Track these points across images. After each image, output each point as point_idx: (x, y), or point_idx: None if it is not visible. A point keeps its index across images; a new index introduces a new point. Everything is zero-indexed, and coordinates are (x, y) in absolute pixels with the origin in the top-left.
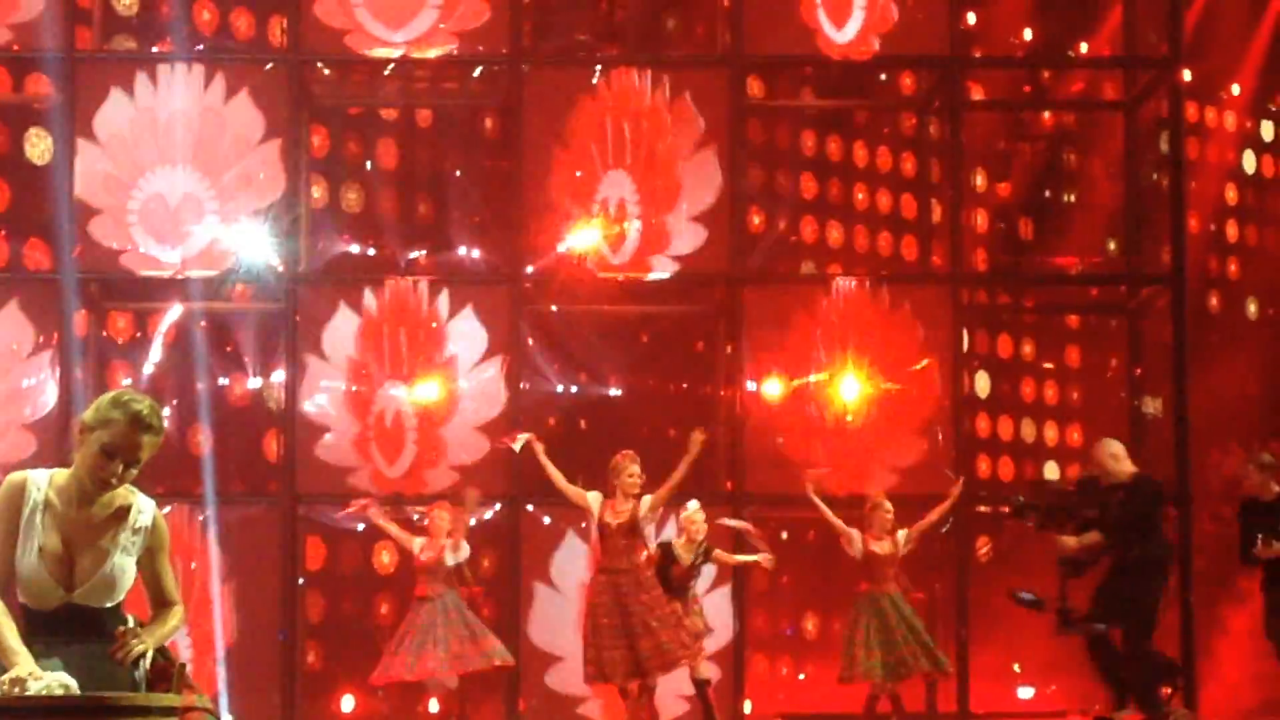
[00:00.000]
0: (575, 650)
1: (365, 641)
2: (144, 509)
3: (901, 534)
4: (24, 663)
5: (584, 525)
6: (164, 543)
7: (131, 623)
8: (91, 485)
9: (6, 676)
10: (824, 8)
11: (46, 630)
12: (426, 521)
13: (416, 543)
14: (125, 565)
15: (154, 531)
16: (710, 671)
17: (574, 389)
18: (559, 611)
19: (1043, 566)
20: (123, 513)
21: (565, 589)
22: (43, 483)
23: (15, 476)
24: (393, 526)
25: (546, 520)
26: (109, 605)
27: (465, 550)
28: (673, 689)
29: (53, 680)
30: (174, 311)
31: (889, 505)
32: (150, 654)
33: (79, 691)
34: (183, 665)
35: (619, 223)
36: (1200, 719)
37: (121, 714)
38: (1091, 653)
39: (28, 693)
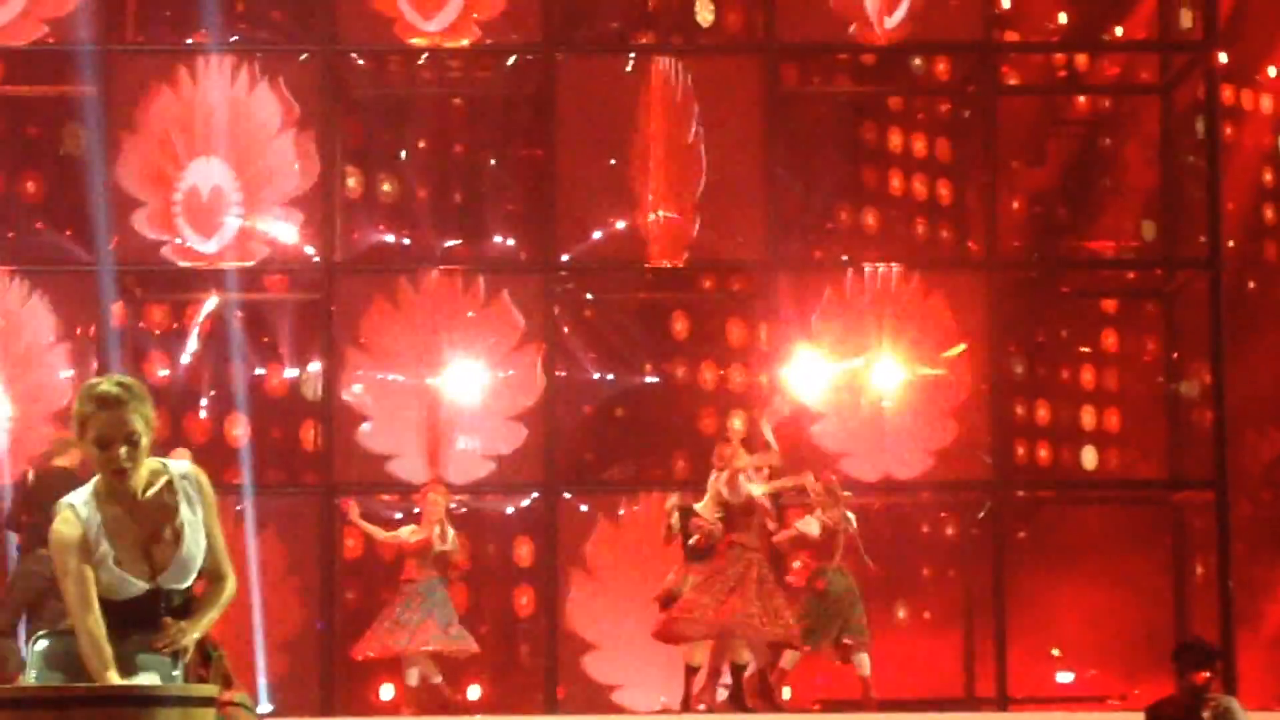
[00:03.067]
0: (611, 638)
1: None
2: (185, 473)
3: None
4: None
5: (621, 513)
6: (211, 501)
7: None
8: (113, 478)
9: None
10: None
11: (121, 618)
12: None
13: (405, 530)
14: (198, 541)
15: (200, 490)
16: (749, 658)
17: (610, 377)
18: (594, 599)
19: (1075, 551)
20: (170, 491)
21: (601, 577)
22: (85, 498)
23: (60, 519)
24: (372, 528)
25: (583, 509)
26: (187, 587)
27: (452, 537)
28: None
29: None
30: (210, 302)
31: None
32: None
33: None
34: (221, 655)
35: (653, 210)
36: (1240, 700)
37: (161, 704)
38: None
39: None
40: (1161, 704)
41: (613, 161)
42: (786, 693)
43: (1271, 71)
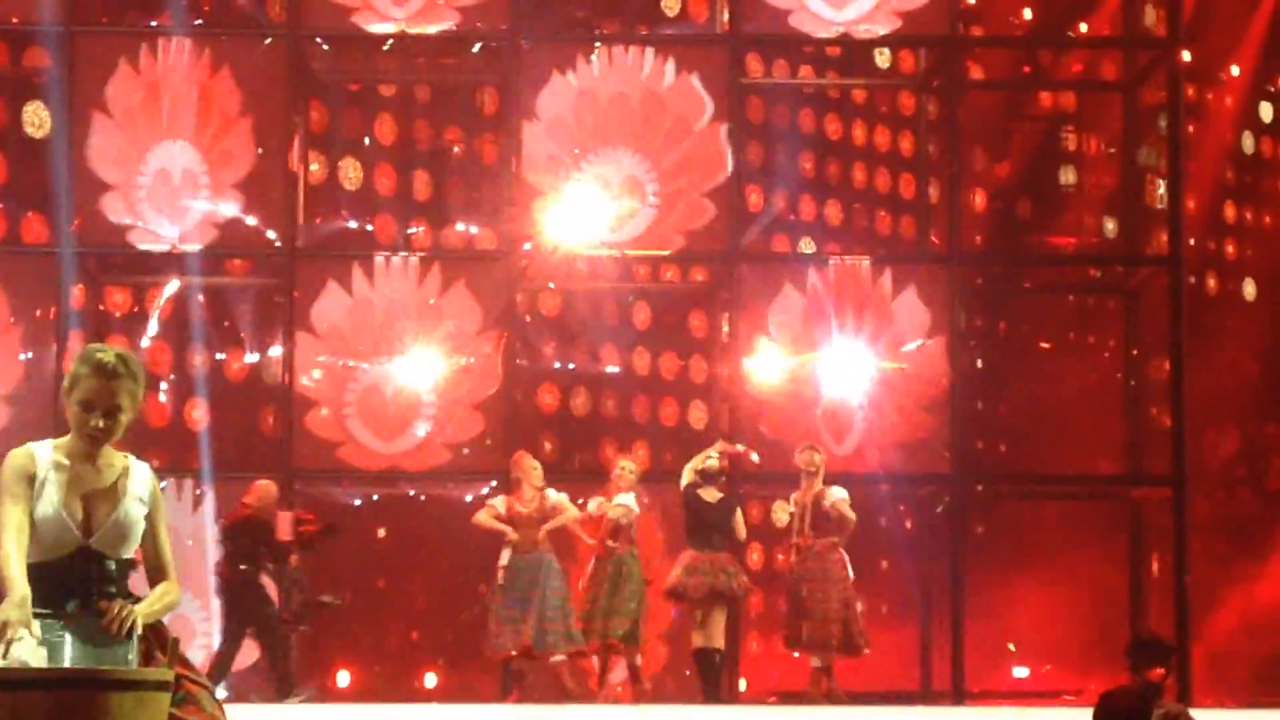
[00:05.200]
0: None
1: (361, 617)
2: (142, 470)
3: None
4: (14, 601)
5: (580, 501)
6: (159, 507)
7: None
8: (83, 442)
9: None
10: None
11: (57, 584)
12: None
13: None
14: (136, 515)
15: (151, 493)
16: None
17: (570, 366)
18: None
19: (1033, 546)
20: (126, 471)
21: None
22: (48, 449)
23: (19, 450)
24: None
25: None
26: (122, 558)
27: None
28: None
29: (23, 653)
30: (171, 286)
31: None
32: (141, 627)
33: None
34: (175, 640)
35: (616, 200)
36: (1193, 697)
37: (115, 687)
38: None
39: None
40: (1115, 694)
41: (576, 150)
42: (743, 684)
43: (1234, 70)
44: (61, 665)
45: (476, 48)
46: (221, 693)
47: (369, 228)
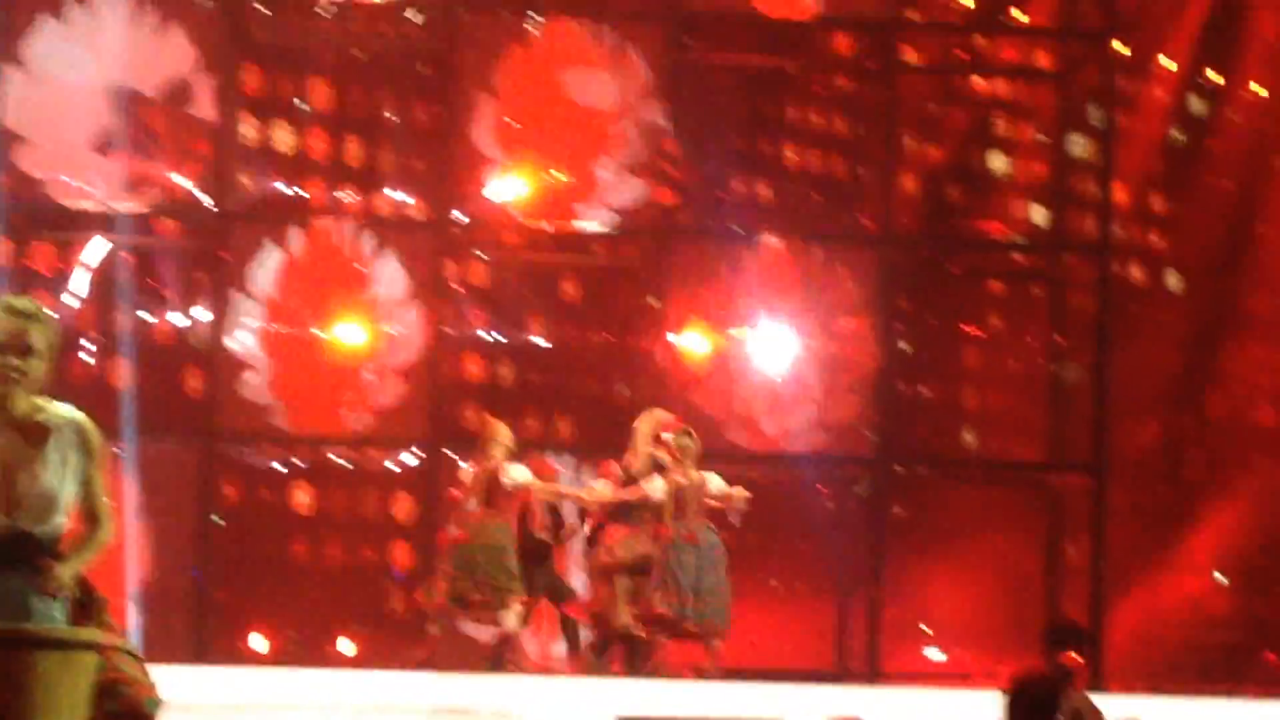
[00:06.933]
0: None
1: (278, 581)
2: (71, 419)
3: None
4: None
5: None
6: (95, 452)
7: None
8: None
9: None
10: None
11: None
12: None
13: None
14: (61, 479)
15: (82, 436)
16: None
17: (497, 336)
18: None
19: (951, 529)
20: (46, 429)
21: None
22: None
23: None
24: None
25: (464, 466)
26: (54, 530)
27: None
28: None
29: None
30: (99, 245)
31: None
32: (71, 585)
33: None
34: (104, 600)
35: (549, 172)
36: (1105, 682)
37: (41, 646)
38: None
39: None
40: (1026, 676)
41: (509, 119)
42: None
43: (1167, 63)
44: None
45: (414, 16)
46: None
47: (300, 192)
